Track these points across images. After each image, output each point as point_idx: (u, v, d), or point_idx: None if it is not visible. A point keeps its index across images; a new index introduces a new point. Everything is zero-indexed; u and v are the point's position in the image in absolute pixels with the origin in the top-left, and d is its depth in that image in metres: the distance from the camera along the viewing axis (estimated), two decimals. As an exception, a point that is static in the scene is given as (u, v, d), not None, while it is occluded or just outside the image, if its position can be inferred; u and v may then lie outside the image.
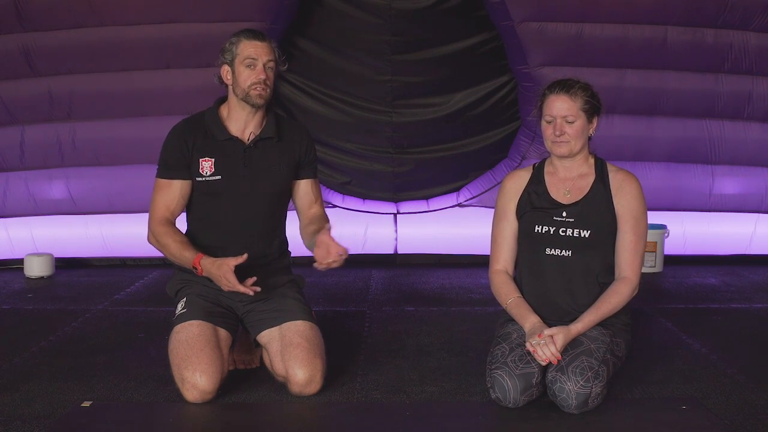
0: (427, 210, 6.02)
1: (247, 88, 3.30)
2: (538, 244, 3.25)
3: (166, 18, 5.35)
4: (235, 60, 3.32)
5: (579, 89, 3.21)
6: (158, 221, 3.34)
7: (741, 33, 5.51)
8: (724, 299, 4.97)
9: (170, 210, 3.36)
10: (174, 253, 3.29)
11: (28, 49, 5.38)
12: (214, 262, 3.18)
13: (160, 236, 3.32)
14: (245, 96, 3.32)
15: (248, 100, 3.32)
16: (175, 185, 3.36)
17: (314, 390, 3.24)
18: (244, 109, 3.36)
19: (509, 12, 5.34)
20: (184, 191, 3.37)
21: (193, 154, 3.34)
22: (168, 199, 3.36)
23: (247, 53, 3.30)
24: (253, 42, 3.31)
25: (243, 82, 3.31)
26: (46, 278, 5.52)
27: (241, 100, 3.34)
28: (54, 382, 3.41)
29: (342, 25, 5.72)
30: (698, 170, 5.87)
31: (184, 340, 3.19)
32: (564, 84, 3.23)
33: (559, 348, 3.03)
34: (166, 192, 3.36)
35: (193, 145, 3.35)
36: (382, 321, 4.45)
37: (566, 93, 3.20)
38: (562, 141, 3.21)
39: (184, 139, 3.35)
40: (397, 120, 5.90)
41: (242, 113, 3.37)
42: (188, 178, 3.36)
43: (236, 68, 3.32)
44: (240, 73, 3.31)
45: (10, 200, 5.75)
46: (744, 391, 3.31)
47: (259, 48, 3.31)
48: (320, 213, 3.50)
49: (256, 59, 3.30)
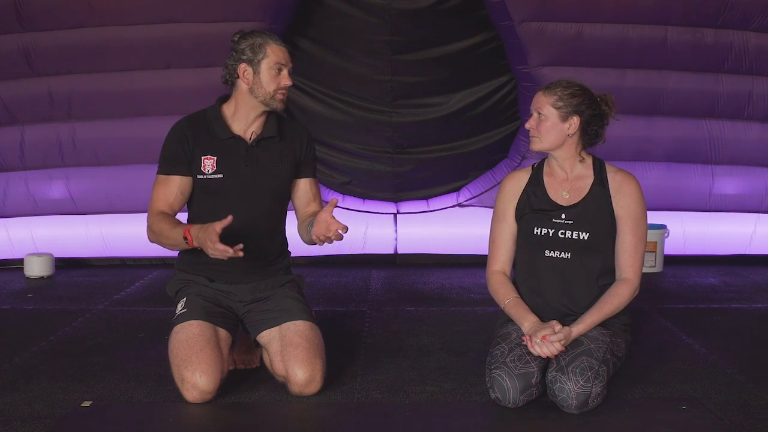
0: (427, 210, 6.02)
1: (273, 92, 3.30)
2: (537, 246, 3.25)
3: (166, 18, 5.35)
4: (262, 62, 3.29)
5: (558, 87, 3.21)
6: (154, 213, 3.31)
7: (741, 33, 5.51)
8: (724, 299, 4.97)
9: (168, 204, 3.33)
10: (168, 234, 3.23)
11: (28, 49, 5.38)
12: (201, 226, 3.11)
13: (154, 225, 3.28)
14: (268, 99, 3.31)
15: (271, 104, 3.32)
16: (174, 181, 3.34)
17: (314, 390, 3.24)
18: (254, 110, 3.35)
19: (509, 12, 5.34)
20: (183, 187, 3.35)
21: (194, 151, 3.34)
22: (166, 194, 3.34)
23: (277, 58, 3.30)
24: (281, 47, 3.33)
25: (268, 85, 3.29)
26: (46, 278, 5.52)
27: (260, 102, 3.32)
28: (54, 382, 3.41)
29: (342, 25, 5.72)
30: (698, 170, 5.87)
31: (184, 340, 3.19)
32: (551, 82, 3.26)
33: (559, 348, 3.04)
34: (165, 187, 3.34)
35: (195, 142, 3.34)
36: (382, 321, 4.45)
37: (544, 89, 3.24)
38: (533, 136, 3.24)
39: (186, 136, 3.34)
40: (397, 120, 5.91)
41: (251, 113, 3.36)
42: (188, 174, 3.35)
43: (261, 70, 3.29)
44: (265, 75, 3.29)
45: (10, 200, 5.75)
46: (744, 391, 3.31)
47: (287, 54, 3.34)
48: (318, 211, 3.49)
49: (285, 65, 3.32)
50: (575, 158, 3.27)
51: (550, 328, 3.06)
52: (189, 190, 3.37)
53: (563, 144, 3.23)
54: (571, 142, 3.23)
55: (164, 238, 3.27)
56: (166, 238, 3.26)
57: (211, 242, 3.03)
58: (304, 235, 3.40)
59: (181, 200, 3.37)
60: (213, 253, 3.06)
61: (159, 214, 3.30)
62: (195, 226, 3.15)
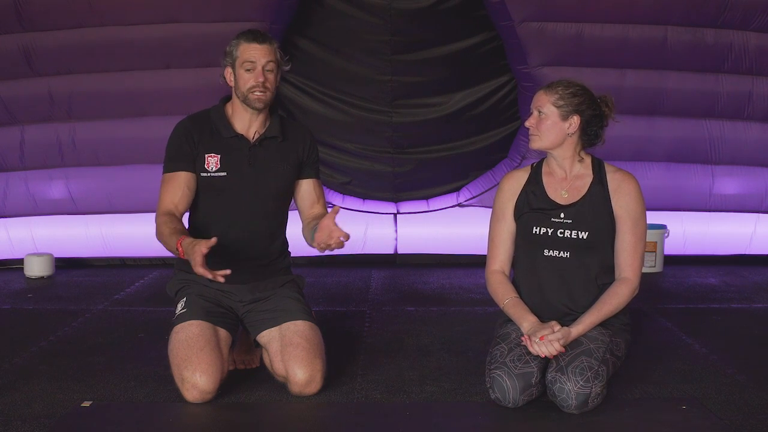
0: (427, 210, 6.02)
1: (246, 92, 3.30)
2: (536, 246, 3.25)
3: (166, 18, 5.35)
4: (236, 63, 3.31)
5: (559, 86, 3.21)
6: (161, 213, 3.30)
7: (741, 33, 5.51)
8: (724, 299, 4.97)
9: (174, 203, 3.32)
10: (166, 240, 3.21)
11: (28, 49, 5.38)
12: (192, 241, 3.09)
13: (159, 226, 3.28)
14: (245, 99, 3.32)
15: (248, 103, 3.32)
16: (179, 177, 3.33)
17: (314, 390, 3.24)
18: (246, 111, 3.37)
19: (509, 12, 5.34)
20: (190, 183, 3.34)
21: (198, 148, 3.34)
22: (173, 191, 3.32)
23: (245, 56, 3.29)
24: (252, 44, 3.30)
25: (242, 85, 3.30)
26: (46, 278, 5.52)
27: (242, 102, 3.34)
28: (54, 382, 3.41)
29: (342, 25, 5.72)
30: (698, 170, 5.87)
31: (184, 340, 3.19)
32: (552, 82, 3.26)
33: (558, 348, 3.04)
34: (171, 186, 3.33)
35: (199, 140, 3.35)
36: (382, 321, 4.45)
37: (545, 88, 3.24)
38: (533, 134, 3.23)
39: (190, 134, 3.35)
40: (397, 120, 5.91)
41: (245, 114, 3.38)
42: (193, 171, 3.34)
43: (237, 71, 3.32)
44: (240, 76, 3.31)
45: (10, 200, 5.75)
46: (744, 391, 3.31)
47: (258, 50, 3.29)
48: (322, 213, 3.49)
49: (255, 62, 3.28)
50: (574, 158, 3.27)
51: (549, 329, 3.06)
52: (195, 186, 3.35)
53: (563, 143, 3.23)
54: (570, 141, 3.23)
55: (164, 243, 3.27)
56: (165, 243, 3.26)
57: (194, 262, 3.02)
58: (308, 238, 3.40)
59: (188, 197, 3.34)
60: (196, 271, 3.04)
61: (165, 214, 3.28)
62: (187, 240, 3.11)
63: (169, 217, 3.27)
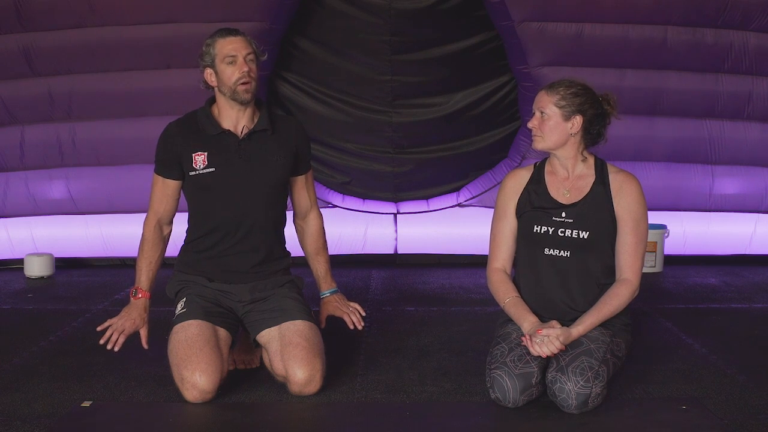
0: (427, 210, 6.01)
1: (233, 85, 3.31)
2: (536, 244, 3.25)
3: (166, 18, 5.35)
4: (216, 60, 3.34)
5: (561, 86, 3.21)
6: (150, 220, 3.45)
7: (741, 33, 5.50)
8: (724, 299, 4.97)
9: (162, 206, 3.44)
10: (137, 262, 3.46)
11: (28, 49, 5.37)
12: (137, 308, 3.39)
13: (143, 241, 3.46)
14: (233, 93, 3.33)
15: (236, 96, 3.33)
16: (166, 183, 3.42)
17: (314, 390, 3.24)
18: (233, 108, 3.37)
19: (509, 12, 5.34)
20: (174, 191, 3.44)
21: (184, 151, 3.36)
22: (160, 195, 3.44)
23: (225, 51, 3.32)
24: (228, 39, 3.34)
25: (228, 79, 3.32)
26: (46, 278, 5.52)
27: (230, 98, 3.34)
28: (54, 382, 3.41)
29: (342, 25, 5.72)
30: (698, 170, 5.86)
31: (184, 340, 3.20)
32: (554, 82, 3.25)
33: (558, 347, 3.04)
34: (159, 188, 3.45)
35: (184, 142, 3.36)
36: (382, 321, 4.45)
37: (547, 88, 3.23)
38: (536, 135, 3.23)
39: (173, 138, 3.39)
40: (397, 120, 5.90)
41: (232, 111, 3.38)
42: (178, 178, 3.41)
43: (218, 68, 3.33)
44: (223, 71, 3.32)
45: (10, 200, 5.75)
46: (744, 391, 3.31)
47: (236, 43, 3.33)
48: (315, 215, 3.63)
49: (236, 55, 3.31)
50: (577, 157, 3.27)
51: (549, 329, 3.06)
52: (178, 194, 3.45)
53: (566, 143, 3.23)
54: (573, 141, 3.23)
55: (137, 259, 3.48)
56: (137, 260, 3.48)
57: (132, 323, 3.35)
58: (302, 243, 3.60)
59: (172, 204, 3.46)
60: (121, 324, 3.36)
61: (152, 229, 3.44)
62: (135, 301, 3.41)
63: (152, 235, 3.43)
